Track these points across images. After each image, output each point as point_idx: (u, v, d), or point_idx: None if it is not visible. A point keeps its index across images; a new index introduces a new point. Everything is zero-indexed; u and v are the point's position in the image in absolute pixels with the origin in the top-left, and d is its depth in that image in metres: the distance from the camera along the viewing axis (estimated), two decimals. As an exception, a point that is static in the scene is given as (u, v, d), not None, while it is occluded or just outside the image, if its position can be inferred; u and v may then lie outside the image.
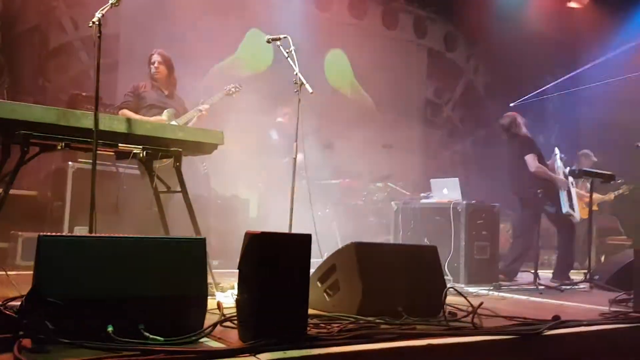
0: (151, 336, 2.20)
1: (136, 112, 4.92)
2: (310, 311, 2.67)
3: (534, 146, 6.10)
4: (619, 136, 8.92)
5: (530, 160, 5.95)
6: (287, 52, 4.45)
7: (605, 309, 3.95)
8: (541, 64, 9.97)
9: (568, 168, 6.07)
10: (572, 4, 10.14)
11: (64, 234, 5.02)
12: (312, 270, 3.03)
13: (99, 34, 3.15)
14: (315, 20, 8.63)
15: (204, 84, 7.21)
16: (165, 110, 4.96)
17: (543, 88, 9.04)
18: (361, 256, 3.25)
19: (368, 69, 9.41)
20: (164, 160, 3.85)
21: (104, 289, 2.27)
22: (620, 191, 8.40)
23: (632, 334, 3.39)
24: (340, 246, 3.66)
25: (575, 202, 6.02)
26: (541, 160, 6.05)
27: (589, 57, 9.37)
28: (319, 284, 3.45)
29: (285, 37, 4.50)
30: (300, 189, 4.80)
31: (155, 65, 5.07)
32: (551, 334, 2.97)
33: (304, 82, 4.35)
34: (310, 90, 4.30)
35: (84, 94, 5.85)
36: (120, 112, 4.95)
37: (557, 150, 6.16)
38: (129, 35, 7.08)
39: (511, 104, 8.73)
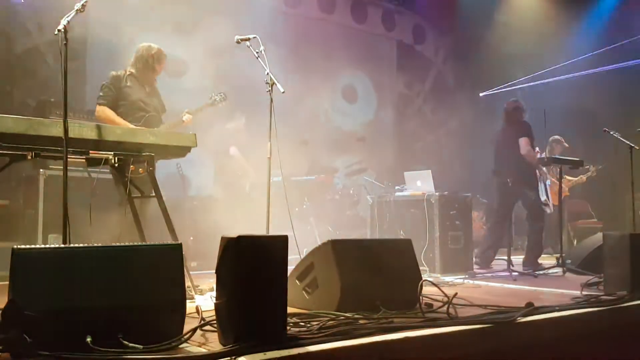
0: (130, 344, 2.20)
1: (114, 109, 4.59)
2: (290, 310, 2.70)
3: (530, 132, 6.20)
4: (585, 121, 9.13)
5: (524, 142, 6.06)
6: (256, 52, 4.43)
7: (578, 293, 4.07)
8: (509, 53, 10.12)
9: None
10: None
11: (38, 244, 4.97)
12: (290, 268, 3.06)
13: (64, 42, 3.11)
14: (285, 17, 8.62)
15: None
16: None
17: (512, 82, 9.19)
18: (338, 253, 3.29)
19: (339, 63, 9.44)
20: (141, 170, 3.83)
21: (81, 299, 2.26)
22: (589, 173, 8.60)
23: (603, 317, 3.50)
24: (318, 242, 3.70)
25: (549, 194, 6.18)
26: (533, 147, 6.17)
27: (556, 46, 9.55)
28: (297, 282, 3.48)
29: (254, 37, 4.48)
30: (276, 186, 4.80)
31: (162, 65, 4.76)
32: (525, 321, 3.05)
33: (276, 81, 4.33)
34: (282, 89, 4.29)
35: (52, 99, 5.76)
36: (100, 109, 4.57)
37: (536, 148, 6.34)
38: (96, 37, 6.99)
39: (481, 94, 8.86)
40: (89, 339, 2.16)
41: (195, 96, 5.57)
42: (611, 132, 6.36)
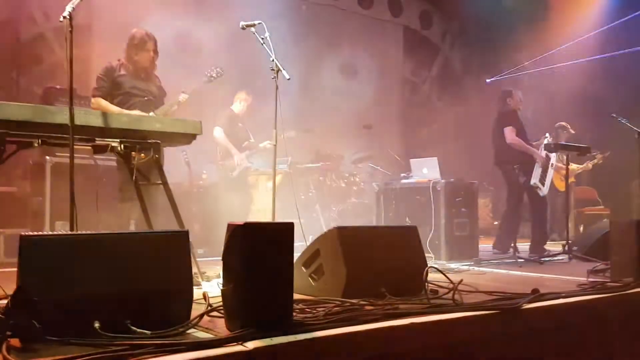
0: (138, 330, 2.22)
1: (110, 100, 4.61)
2: (296, 296, 2.71)
3: (515, 120, 6.22)
4: (592, 107, 9.06)
5: (508, 132, 6.13)
6: (262, 39, 4.41)
7: (584, 279, 4.06)
8: (517, 38, 10.03)
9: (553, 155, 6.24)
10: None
11: (45, 231, 5.00)
12: (296, 255, 3.07)
13: (70, 29, 3.10)
14: (290, 3, 8.56)
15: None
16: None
17: (519, 66, 9.11)
18: (344, 240, 3.29)
19: (345, 50, 9.40)
20: (143, 156, 3.83)
21: (89, 286, 2.28)
22: (595, 160, 8.56)
23: (609, 304, 3.49)
24: (324, 229, 3.71)
25: (549, 178, 6.17)
26: (521, 134, 6.18)
27: (564, 33, 9.45)
28: (303, 269, 3.50)
29: (259, 23, 4.46)
30: (282, 173, 4.81)
31: (153, 53, 4.70)
32: (530, 307, 3.05)
33: (281, 68, 4.32)
34: (287, 76, 4.27)
35: (57, 87, 5.77)
36: (95, 100, 4.61)
37: (547, 135, 6.37)
38: (101, 24, 6.98)
39: (488, 80, 8.80)
40: (97, 325, 2.18)
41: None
42: (619, 118, 6.32)
